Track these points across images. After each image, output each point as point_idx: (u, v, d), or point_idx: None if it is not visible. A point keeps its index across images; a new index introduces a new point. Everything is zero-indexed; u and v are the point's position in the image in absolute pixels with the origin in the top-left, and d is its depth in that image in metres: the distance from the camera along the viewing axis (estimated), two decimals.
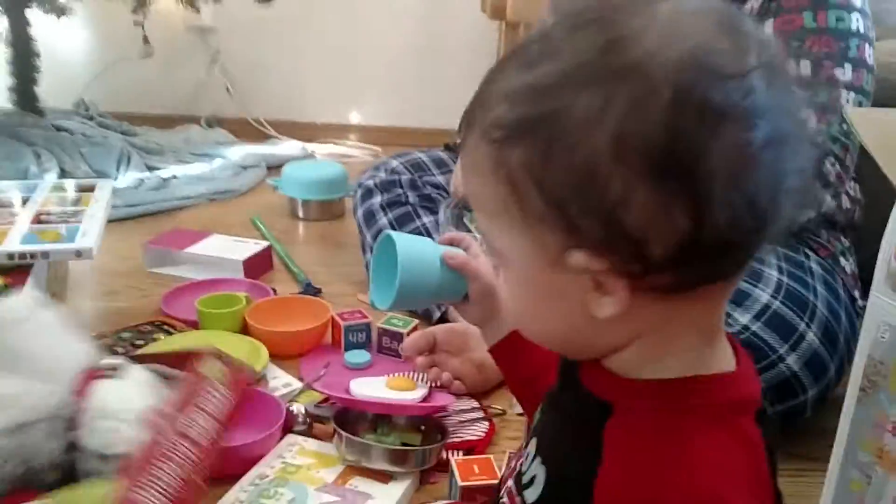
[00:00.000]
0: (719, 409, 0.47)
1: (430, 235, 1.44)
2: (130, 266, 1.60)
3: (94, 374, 0.81)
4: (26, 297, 0.80)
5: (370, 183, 1.55)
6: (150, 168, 2.20)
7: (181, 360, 0.85)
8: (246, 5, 2.39)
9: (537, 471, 0.52)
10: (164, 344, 1.19)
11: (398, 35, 2.73)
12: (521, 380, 0.74)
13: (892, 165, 1.03)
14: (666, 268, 0.42)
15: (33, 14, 2.23)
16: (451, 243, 0.78)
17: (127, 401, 0.77)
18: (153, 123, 2.64)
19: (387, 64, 2.76)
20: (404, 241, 0.73)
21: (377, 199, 1.52)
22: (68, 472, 0.77)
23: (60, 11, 2.17)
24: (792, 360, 1.03)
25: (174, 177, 2.16)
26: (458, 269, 0.73)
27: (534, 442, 0.55)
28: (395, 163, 1.58)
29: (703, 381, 0.47)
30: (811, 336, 1.04)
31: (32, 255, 1.07)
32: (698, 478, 0.44)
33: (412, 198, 1.50)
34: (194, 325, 1.28)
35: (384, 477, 0.94)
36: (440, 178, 1.55)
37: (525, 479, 0.53)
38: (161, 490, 0.68)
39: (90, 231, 1.14)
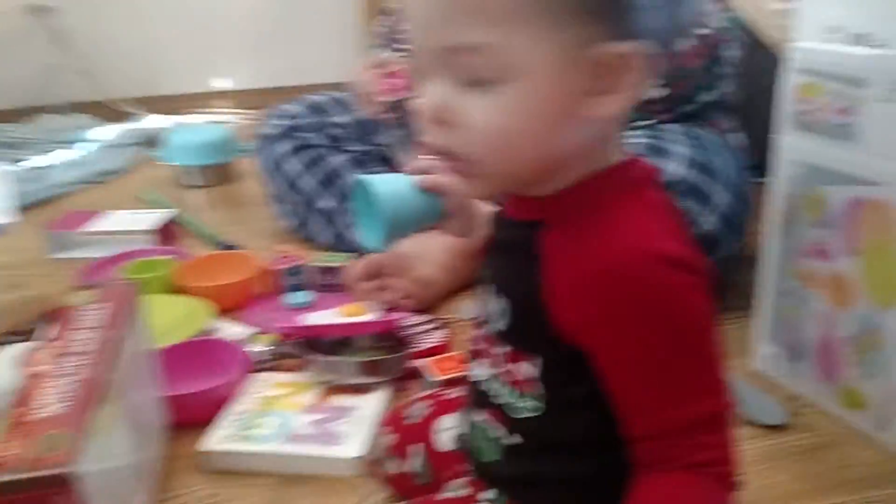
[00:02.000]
0: (627, 183, 0.53)
1: (339, 177, 1.45)
2: (30, 256, 1.52)
3: None
4: None
5: (272, 131, 1.53)
6: (16, 161, 2.07)
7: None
8: None
9: (502, 304, 0.57)
10: None
11: None
12: None
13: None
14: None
15: None
16: (415, 171, 0.81)
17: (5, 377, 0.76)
18: (3, 119, 2.47)
19: (247, 24, 2.70)
20: (377, 182, 0.76)
21: (282, 147, 1.50)
22: None
23: None
24: (710, 220, 1.11)
25: (45, 166, 2.04)
26: (432, 190, 0.77)
27: (491, 287, 0.60)
28: (292, 108, 1.56)
29: (609, 171, 0.54)
30: (724, 195, 1.13)
31: None
32: (634, 236, 0.50)
33: (318, 140, 1.50)
34: None
35: (361, 390, 0.97)
36: (343, 118, 1.55)
37: (493, 317, 0.58)
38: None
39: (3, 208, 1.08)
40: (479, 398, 0.62)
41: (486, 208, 0.79)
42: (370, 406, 0.94)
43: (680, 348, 0.50)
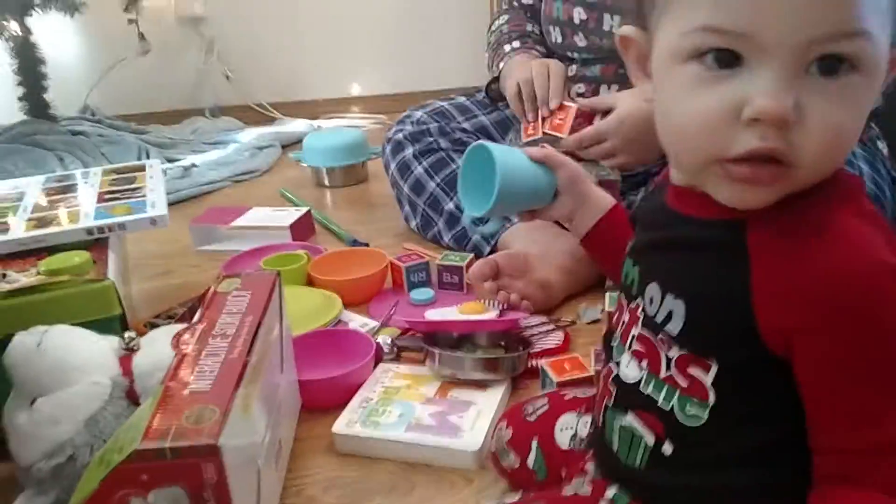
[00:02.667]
0: (845, 191, 0.51)
1: None
2: (178, 248, 1.64)
3: (126, 352, 0.88)
4: (27, 332, 0.85)
5: (399, 136, 1.58)
6: (169, 160, 2.23)
7: None
8: None
9: (672, 306, 0.56)
10: None
11: (390, 1, 2.76)
12: (617, 260, 0.79)
13: None
14: None
15: (32, 21, 2.25)
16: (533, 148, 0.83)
17: (164, 353, 0.81)
18: (158, 120, 2.67)
19: (382, 32, 2.80)
20: (496, 147, 0.78)
21: (409, 151, 1.56)
22: None
23: (73, 8, 2.19)
24: None
25: (194, 165, 2.19)
26: (544, 160, 0.78)
27: (653, 287, 0.59)
28: (418, 114, 1.61)
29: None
30: None
31: (110, 228, 1.11)
32: (861, 244, 0.48)
33: (444, 143, 1.54)
34: None
35: (480, 386, 1.00)
36: (466, 125, 1.59)
37: (659, 318, 0.57)
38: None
39: (158, 202, 1.18)
40: (629, 400, 0.61)
41: (603, 195, 0.80)
42: (489, 401, 0.97)
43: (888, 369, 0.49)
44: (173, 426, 0.65)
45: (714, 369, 0.54)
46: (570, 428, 0.75)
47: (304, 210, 1.66)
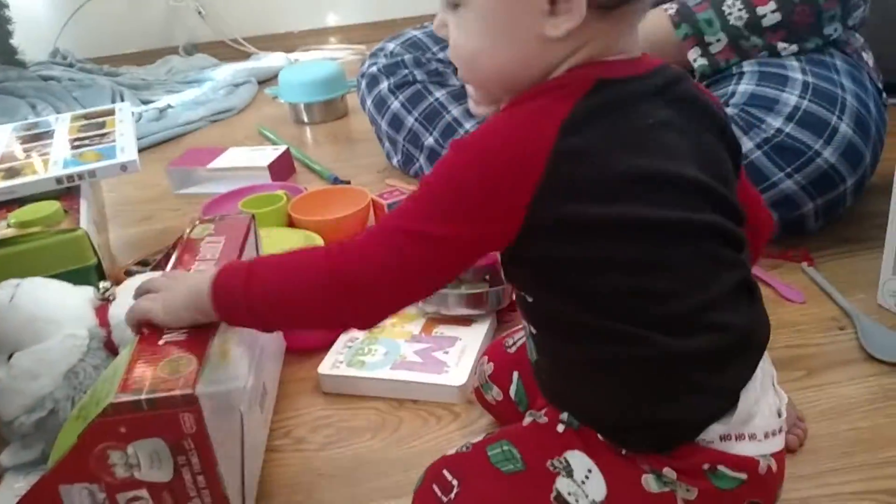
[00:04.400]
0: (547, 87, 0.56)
1: (445, 109, 1.45)
2: (157, 192, 1.62)
3: (103, 302, 0.86)
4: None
5: (373, 70, 1.54)
6: (144, 102, 2.18)
7: None
8: None
9: None
10: None
11: None
12: None
13: None
14: None
15: None
16: None
17: None
18: (132, 61, 2.60)
19: None
20: None
21: (384, 84, 1.52)
22: None
23: None
24: (828, 153, 1.06)
25: (169, 106, 2.14)
26: None
27: None
28: (391, 45, 1.57)
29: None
30: (844, 127, 1.07)
31: (79, 176, 1.08)
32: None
33: (420, 76, 1.50)
34: None
35: (465, 322, 0.99)
36: (442, 55, 1.55)
37: None
38: None
39: (127, 147, 1.15)
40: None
41: None
42: (474, 336, 0.96)
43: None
44: (149, 378, 0.64)
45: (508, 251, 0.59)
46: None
47: (282, 149, 1.63)
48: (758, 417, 0.58)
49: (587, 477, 0.58)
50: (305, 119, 1.98)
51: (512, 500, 0.59)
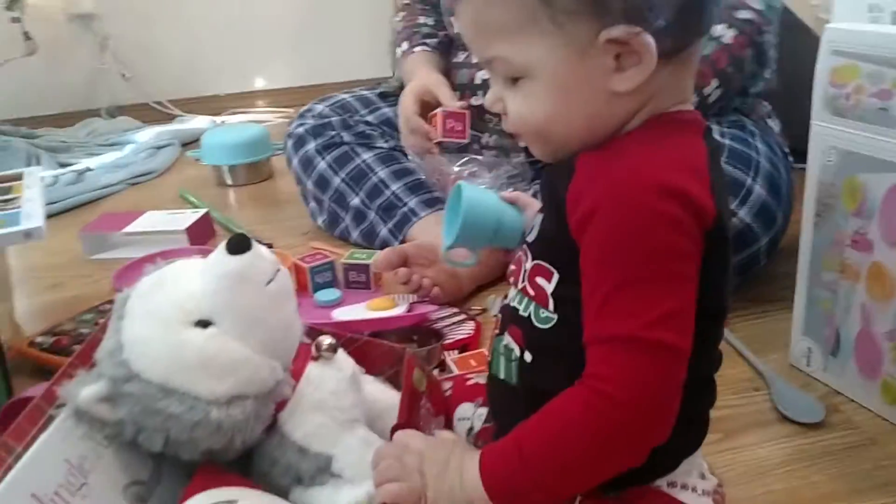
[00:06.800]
0: (645, 130, 0.56)
1: (371, 170, 1.44)
2: (68, 258, 1.55)
3: (310, 354, 0.74)
4: (271, 255, 0.70)
5: (300, 130, 1.53)
6: (62, 165, 2.12)
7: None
8: None
9: (537, 220, 0.62)
10: None
11: None
12: None
13: None
14: (668, 31, 0.52)
15: None
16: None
17: (340, 395, 0.71)
18: (52, 123, 2.54)
19: (283, 24, 2.72)
20: (469, 187, 0.77)
21: (311, 145, 1.51)
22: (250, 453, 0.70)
23: None
24: (743, 213, 1.09)
25: (88, 169, 2.09)
26: (514, 200, 0.76)
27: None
28: (320, 107, 1.56)
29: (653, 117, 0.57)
30: (758, 189, 1.10)
31: None
32: (634, 162, 0.53)
33: (347, 137, 1.49)
34: None
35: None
36: (370, 117, 1.55)
37: (530, 237, 0.62)
38: None
39: (33, 213, 1.10)
40: (507, 319, 0.63)
41: None
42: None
43: (632, 269, 0.52)
44: None
45: (556, 278, 0.57)
46: (467, 419, 0.75)
47: (201, 212, 1.59)
48: (695, 471, 0.59)
49: None
50: (229, 181, 1.95)
51: None
